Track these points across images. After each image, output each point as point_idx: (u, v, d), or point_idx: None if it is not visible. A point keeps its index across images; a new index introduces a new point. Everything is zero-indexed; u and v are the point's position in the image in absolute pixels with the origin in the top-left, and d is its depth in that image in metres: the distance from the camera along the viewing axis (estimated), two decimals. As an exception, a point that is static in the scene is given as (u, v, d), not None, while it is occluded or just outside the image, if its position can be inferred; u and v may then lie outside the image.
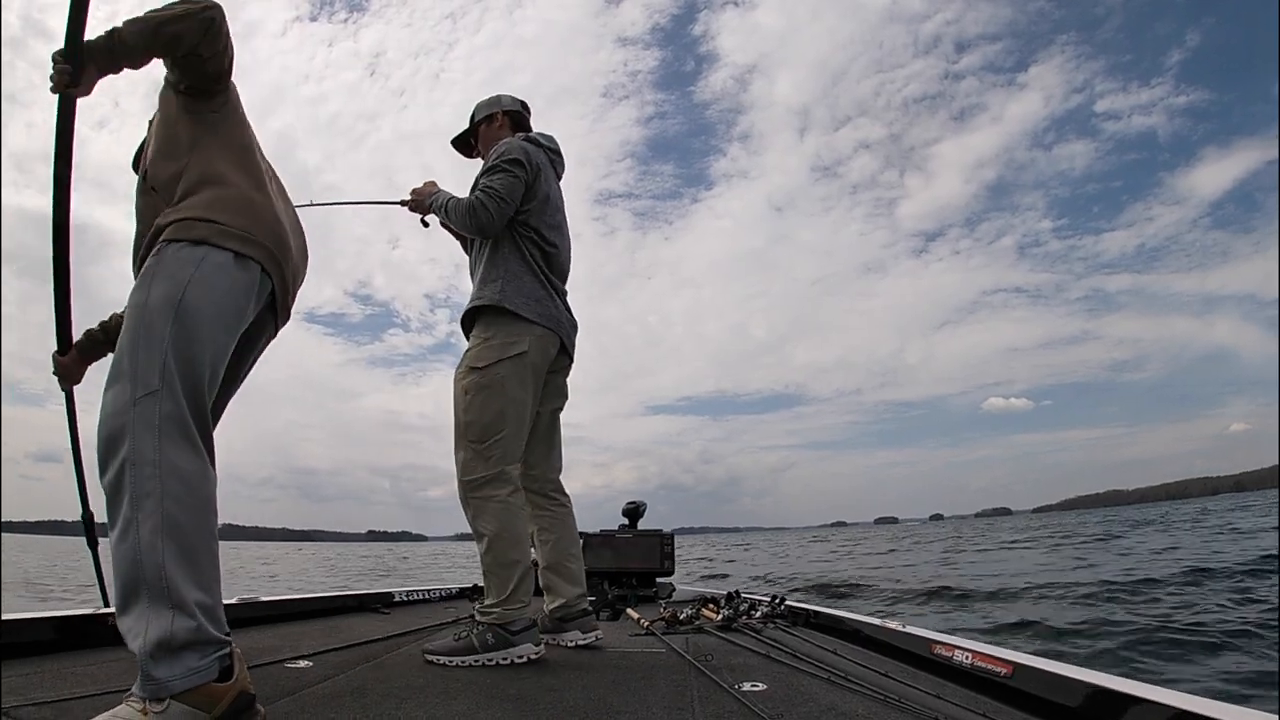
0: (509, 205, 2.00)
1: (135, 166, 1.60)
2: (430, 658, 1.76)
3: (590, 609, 2.21)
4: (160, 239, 1.24)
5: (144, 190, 1.38)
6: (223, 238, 1.26)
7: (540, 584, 2.16)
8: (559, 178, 2.25)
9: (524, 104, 2.33)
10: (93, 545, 2.09)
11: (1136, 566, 8.77)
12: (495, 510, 1.88)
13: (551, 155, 2.21)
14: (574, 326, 2.18)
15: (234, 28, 1.34)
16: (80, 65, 1.26)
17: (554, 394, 2.20)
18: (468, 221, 2.00)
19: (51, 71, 1.26)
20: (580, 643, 2.08)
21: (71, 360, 1.75)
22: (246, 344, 1.37)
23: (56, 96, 1.34)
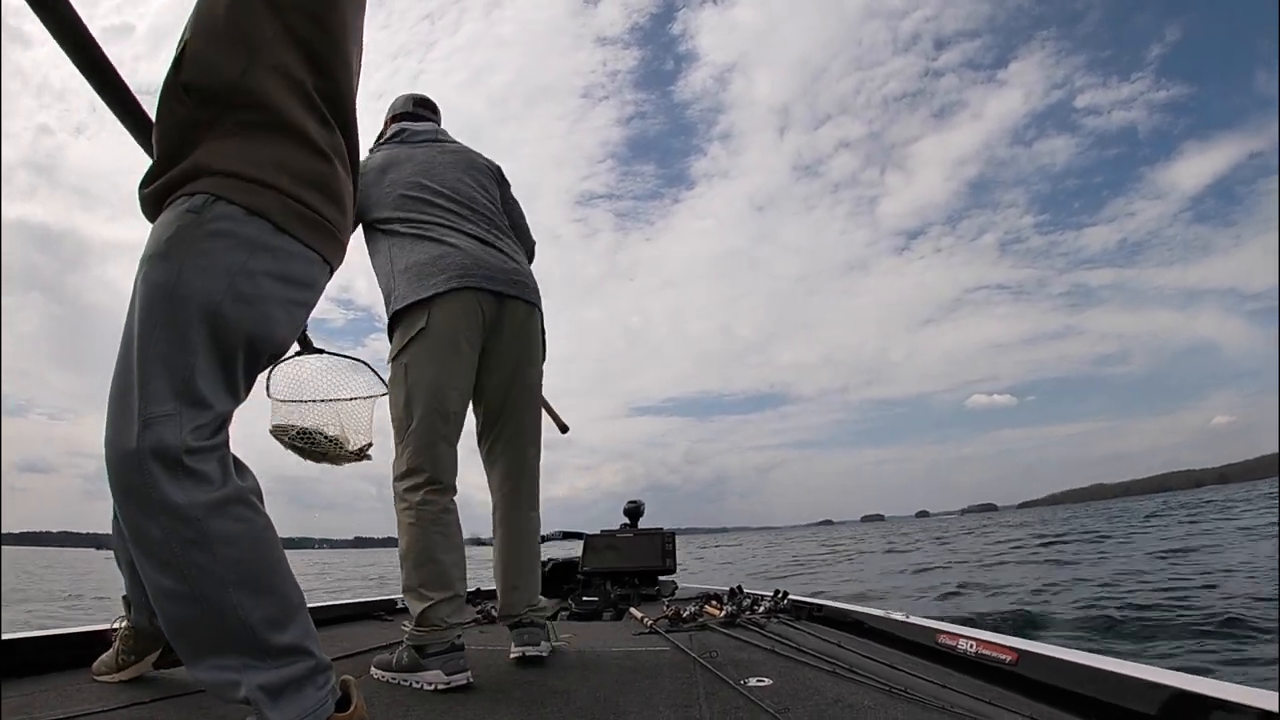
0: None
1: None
2: (372, 670, 1.63)
3: (539, 621, 1.86)
4: (198, 184, 0.93)
5: (173, 92, 0.95)
6: (297, 223, 0.97)
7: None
8: (426, 122, 2.06)
9: (397, 114, 2.09)
10: None
11: None
12: (406, 521, 1.65)
13: (398, 129, 2.01)
14: (509, 269, 1.81)
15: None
16: None
17: (507, 359, 1.82)
18: None
19: None
20: (513, 655, 1.81)
21: None
22: None
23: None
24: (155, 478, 0.84)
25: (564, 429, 2.44)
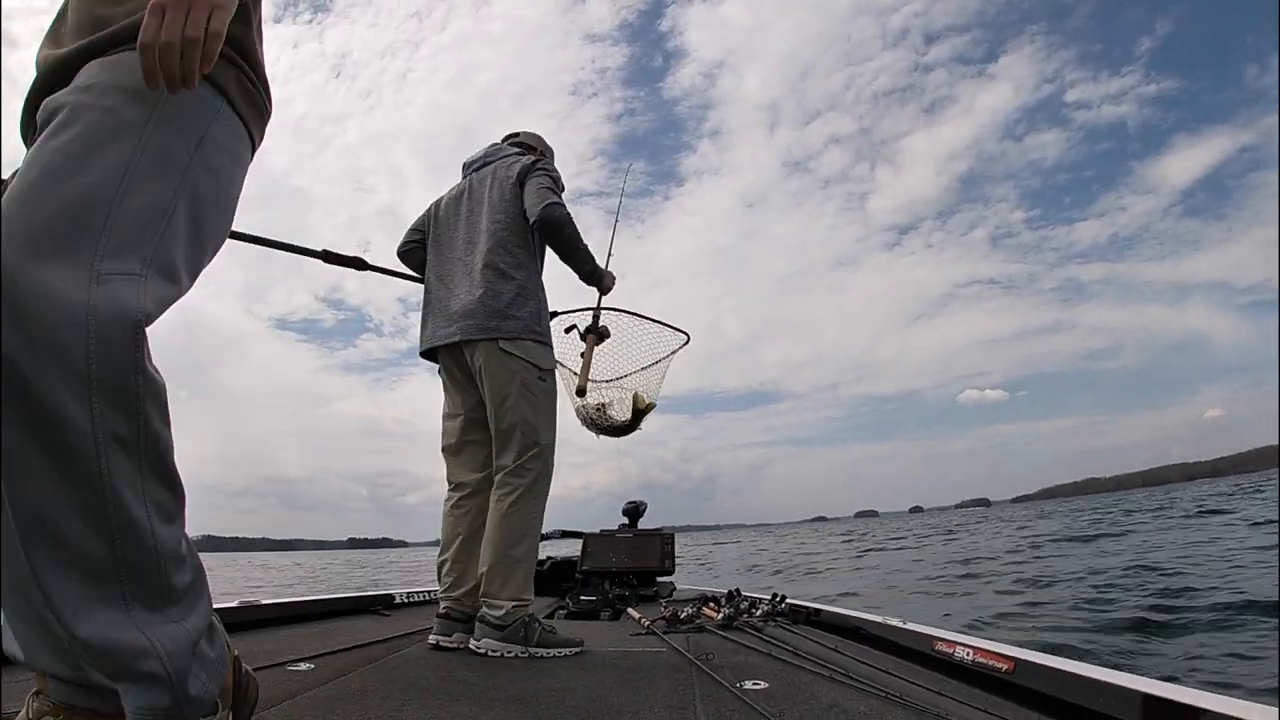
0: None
1: None
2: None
3: (497, 621, 1.88)
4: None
5: None
6: (246, 105, 0.89)
7: None
8: (483, 168, 2.26)
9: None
10: None
11: None
12: None
13: (464, 170, 2.33)
14: (458, 310, 2.04)
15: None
16: None
17: (489, 387, 2.04)
18: None
19: None
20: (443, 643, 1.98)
21: None
22: None
23: None
24: (129, 344, 0.67)
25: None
